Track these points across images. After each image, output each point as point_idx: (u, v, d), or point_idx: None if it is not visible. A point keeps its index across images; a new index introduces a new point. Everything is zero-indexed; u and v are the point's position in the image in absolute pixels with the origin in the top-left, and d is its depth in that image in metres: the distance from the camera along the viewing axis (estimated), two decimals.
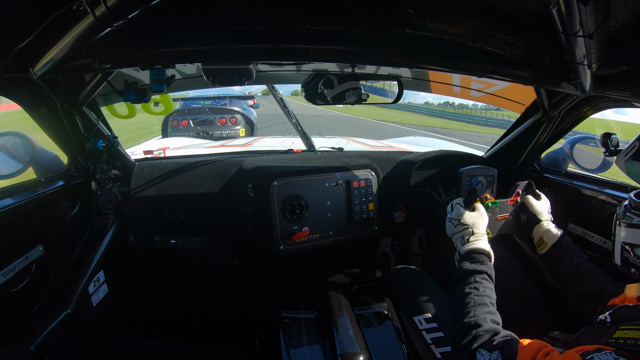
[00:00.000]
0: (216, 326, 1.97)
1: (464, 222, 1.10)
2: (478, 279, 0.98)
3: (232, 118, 7.45)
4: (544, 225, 1.24)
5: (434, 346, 1.24)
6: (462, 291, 0.97)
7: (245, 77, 1.14)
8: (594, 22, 0.71)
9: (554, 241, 1.19)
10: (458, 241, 1.11)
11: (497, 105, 2.24)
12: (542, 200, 1.29)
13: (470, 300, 0.94)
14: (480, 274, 0.99)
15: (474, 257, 1.04)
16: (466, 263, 1.03)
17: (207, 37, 0.97)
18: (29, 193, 1.23)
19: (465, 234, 1.10)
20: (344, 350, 1.30)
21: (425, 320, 1.31)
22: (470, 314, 0.90)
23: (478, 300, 0.93)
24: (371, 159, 1.80)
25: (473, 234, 1.09)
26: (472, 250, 1.06)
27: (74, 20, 0.73)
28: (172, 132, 7.24)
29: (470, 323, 0.88)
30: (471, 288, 0.96)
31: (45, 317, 1.26)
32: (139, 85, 1.29)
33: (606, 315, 0.86)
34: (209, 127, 7.32)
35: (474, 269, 1.01)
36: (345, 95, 1.29)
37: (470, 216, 1.11)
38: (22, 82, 1.15)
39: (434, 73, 2.12)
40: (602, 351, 0.65)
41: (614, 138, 1.33)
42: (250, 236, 1.66)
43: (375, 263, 2.17)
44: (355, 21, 0.98)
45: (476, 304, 0.92)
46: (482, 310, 0.90)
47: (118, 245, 1.69)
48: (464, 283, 0.99)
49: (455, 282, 1.03)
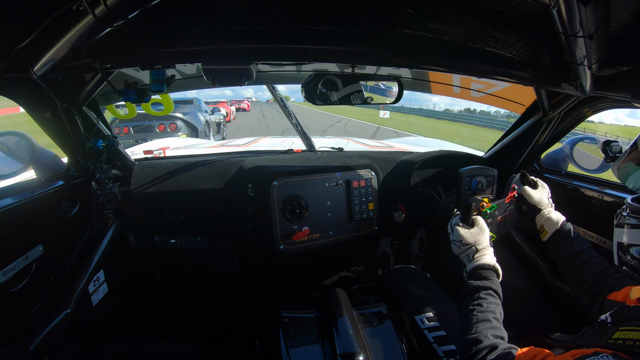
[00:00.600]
0: (216, 326, 1.97)
1: (466, 242, 1.10)
2: (482, 295, 0.99)
3: (171, 124, 7.49)
4: (545, 213, 1.25)
5: (436, 345, 1.24)
6: (467, 308, 0.98)
7: (245, 77, 1.14)
8: (594, 22, 0.71)
9: (554, 229, 1.20)
10: (465, 259, 1.12)
11: (497, 106, 2.24)
12: (540, 188, 1.29)
13: (473, 317, 0.95)
14: (484, 290, 1.00)
15: (479, 274, 1.04)
16: (471, 280, 1.04)
17: (207, 37, 0.97)
18: (29, 193, 1.24)
19: (469, 253, 1.10)
20: (344, 350, 1.30)
21: (427, 319, 1.31)
22: (472, 330, 0.91)
23: (481, 316, 0.94)
24: (371, 159, 1.80)
25: (477, 251, 1.09)
26: (478, 267, 1.06)
27: (74, 20, 0.73)
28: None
29: (471, 340, 0.89)
30: (475, 305, 0.97)
31: (45, 317, 1.26)
32: (139, 85, 1.29)
33: (607, 316, 0.87)
34: (148, 134, 7.29)
35: (477, 286, 1.02)
36: (351, 98, 1.29)
37: (471, 234, 1.11)
38: (22, 82, 1.15)
39: (434, 73, 2.12)
40: (599, 354, 0.65)
41: (614, 145, 1.35)
42: (250, 236, 1.66)
43: (375, 263, 2.17)
44: (355, 21, 0.98)
45: (479, 321, 0.93)
46: (484, 326, 0.91)
47: (118, 245, 1.69)
48: (469, 300, 1.00)
49: (461, 300, 1.04)
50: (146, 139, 6.65)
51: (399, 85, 1.40)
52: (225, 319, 2.00)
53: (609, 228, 1.03)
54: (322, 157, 1.90)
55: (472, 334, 0.90)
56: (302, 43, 0.99)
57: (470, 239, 1.10)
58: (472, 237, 1.10)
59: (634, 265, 0.92)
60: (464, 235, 1.11)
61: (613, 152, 1.34)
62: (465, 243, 1.10)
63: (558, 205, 1.30)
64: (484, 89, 2.20)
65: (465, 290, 1.03)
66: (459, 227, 1.13)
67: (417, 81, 2.19)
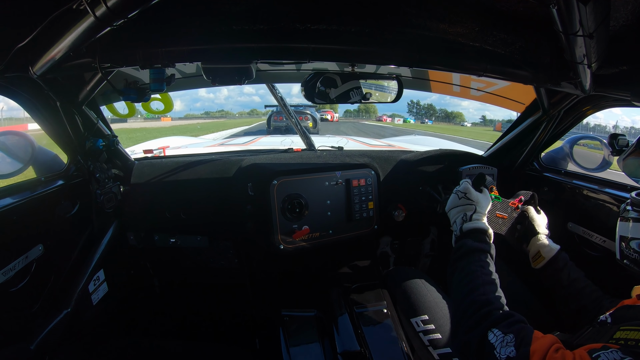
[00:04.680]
0: (216, 325, 1.98)
1: (470, 198, 1.08)
2: (483, 258, 0.95)
3: (306, 117, 12.30)
4: (541, 238, 1.21)
5: (431, 348, 1.23)
6: (467, 268, 0.93)
7: (245, 76, 1.14)
8: (594, 21, 0.71)
9: (551, 255, 1.15)
10: (459, 216, 1.08)
11: (497, 105, 2.24)
12: (542, 215, 1.27)
13: (477, 277, 0.89)
14: (485, 254, 0.96)
15: (478, 236, 1.01)
16: (470, 240, 0.99)
17: (207, 37, 0.97)
18: (29, 192, 1.24)
19: (467, 210, 1.07)
20: (344, 349, 1.31)
21: (422, 322, 1.31)
22: (480, 290, 0.86)
23: (487, 279, 0.89)
24: (371, 158, 1.80)
25: (476, 212, 1.06)
26: (477, 229, 1.03)
27: (74, 19, 0.73)
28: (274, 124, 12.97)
29: (481, 300, 0.83)
30: (477, 266, 0.92)
31: (46, 316, 1.26)
32: (138, 85, 1.29)
33: (607, 316, 0.86)
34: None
35: (478, 247, 0.97)
36: (350, 95, 1.29)
37: (477, 195, 1.10)
38: (22, 82, 1.15)
39: (434, 72, 2.13)
40: (608, 349, 0.63)
41: (621, 139, 1.35)
42: (250, 235, 1.66)
43: (374, 262, 2.17)
44: (355, 20, 0.98)
45: (485, 283, 0.88)
46: (491, 289, 0.86)
47: (118, 244, 1.69)
48: (469, 260, 0.94)
49: (457, 259, 0.98)
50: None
51: (399, 83, 1.40)
52: (225, 318, 2.00)
53: (608, 227, 1.03)
54: (321, 156, 1.90)
55: (481, 295, 0.85)
56: (301, 42, 0.99)
57: (474, 197, 1.09)
58: (476, 197, 1.09)
59: (635, 259, 0.92)
60: (472, 191, 1.09)
61: (619, 146, 1.33)
62: (470, 198, 1.09)
63: (558, 205, 1.30)
64: (483, 87, 2.21)
65: (463, 249, 0.98)
66: (468, 183, 1.12)
67: (417, 80, 2.19)
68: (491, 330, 0.76)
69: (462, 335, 0.82)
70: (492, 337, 0.75)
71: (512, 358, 0.69)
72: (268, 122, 13.75)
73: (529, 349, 0.69)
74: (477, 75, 1.14)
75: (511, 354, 0.70)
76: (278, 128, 12.88)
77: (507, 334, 0.73)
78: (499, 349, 0.72)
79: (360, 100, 1.32)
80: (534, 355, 0.67)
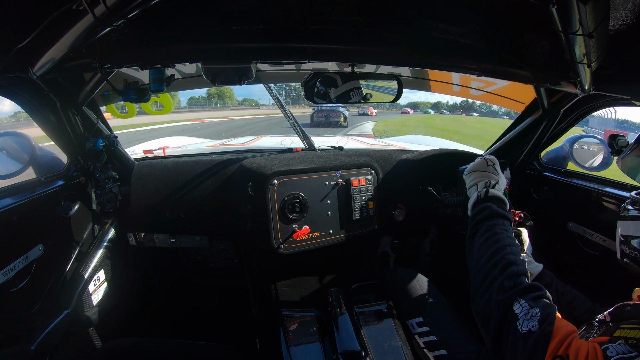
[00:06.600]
0: (216, 325, 1.98)
1: (497, 169, 1.11)
2: (507, 225, 0.94)
3: (341, 114, 16.80)
4: (526, 257, 1.21)
5: (427, 350, 1.24)
6: (492, 229, 0.91)
7: (244, 77, 1.14)
8: (594, 21, 0.71)
9: (537, 271, 1.16)
10: (482, 180, 1.09)
11: (497, 104, 2.25)
12: (528, 239, 1.28)
13: (503, 238, 0.88)
14: (507, 221, 0.96)
15: (500, 205, 1.01)
16: (494, 205, 0.99)
17: (207, 37, 0.97)
18: (29, 193, 1.24)
19: (492, 178, 1.09)
20: (344, 348, 1.31)
21: (417, 324, 1.31)
22: (507, 250, 0.84)
23: (511, 241, 0.88)
24: (371, 158, 1.80)
25: (498, 184, 1.07)
26: (501, 198, 1.03)
27: (74, 19, 0.73)
28: (316, 119, 16.75)
29: (508, 259, 0.82)
30: (502, 229, 0.91)
31: (46, 317, 1.26)
32: (138, 85, 1.29)
33: (605, 315, 0.86)
34: (329, 118, 16.83)
35: (503, 214, 0.97)
36: (350, 95, 1.29)
37: (500, 172, 1.12)
38: (21, 82, 1.15)
39: (434, 72, 2.13)
40: (617, 341, 0.63)
41: (620, 139, 1.35)
42: (250, 235, 1.66)
43: (375, 261, 2.18)
44: (355, 20, 0.98)
45: (511, 244, 0.86)
46: (516, 250, 0.85)
47: (118, 245, 1.69)
48: (493, 222, 0.94)
49: (481, 219, 0.97)
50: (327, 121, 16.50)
51: (399, 83, 1.40)
52: (225, 318, 2.00)
53: (608, 226, 1.03)
54: (321, 155, 1.90)
55: (510, 254, 0.84)
56: (301, 42, 0.99)
57: (499, 171, 1.12)
58: (500, 173, 1.12)
59: (635, 257, 0.93)
60: (499, 165, 1.12)
61: (619, 146, 1.34)
62: (496, 169, 1.12)
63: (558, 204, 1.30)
64: (483, 87, 2.21)
65: (489, 210, 0.98)
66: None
67: (416, 80, 2.19)
68: (518, 300, 0.74)
69: (483, 294, 0.80)
70: (517, 307, 0.73)
71: (533, 332, 0.68)
72: (311, 118, 17.27)
73: (552, 328, 0.68)
74: (477, 75, 1.14)
75: (534, 327, 0.68)
76: (319, 122, 16.84)
77: (533, 307, 0.72)
78: (522, 321, 0.70)
79: (361, 101, 1.32)
80: (556, 336, 0.66)
